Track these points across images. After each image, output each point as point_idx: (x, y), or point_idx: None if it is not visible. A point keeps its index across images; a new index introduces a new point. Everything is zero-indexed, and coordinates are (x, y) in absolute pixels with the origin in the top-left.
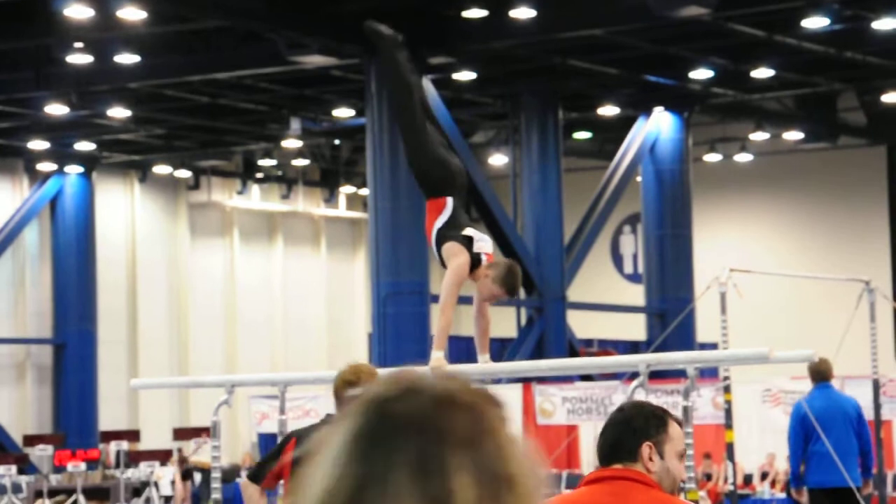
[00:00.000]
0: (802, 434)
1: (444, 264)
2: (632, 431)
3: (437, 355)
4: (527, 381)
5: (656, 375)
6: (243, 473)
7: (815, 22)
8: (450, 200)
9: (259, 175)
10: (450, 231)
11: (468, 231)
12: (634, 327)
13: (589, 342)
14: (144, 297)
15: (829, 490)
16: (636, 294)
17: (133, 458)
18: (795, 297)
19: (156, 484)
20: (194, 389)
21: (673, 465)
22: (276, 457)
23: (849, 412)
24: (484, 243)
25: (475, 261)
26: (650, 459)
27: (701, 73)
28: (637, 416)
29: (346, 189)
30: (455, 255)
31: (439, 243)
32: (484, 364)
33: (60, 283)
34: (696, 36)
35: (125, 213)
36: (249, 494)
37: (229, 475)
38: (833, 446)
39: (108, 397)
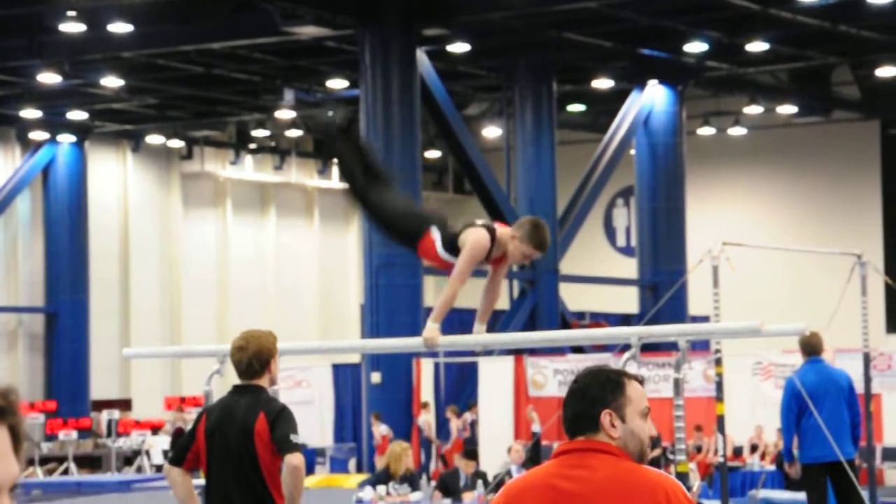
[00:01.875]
0: (795, 409)
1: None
2: (589, 401)
3: (432, 326)
4: (518, 353)
5: (648, 348)
6: None
7: None
8: (433, 229)
9: (252, 146)
10: (452, 236)
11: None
12: (627, 300)
13: (581, 315)
14: (137, 267)
15: (824, 464)
16: (629, 267)
17: (124, 428)
18: (788, 271)
19: (147, 453)
20: (186, 359)
21: (636, 425)
22: (192, 437)
23: (841, 385)
24: (487, 220)
25: (491, 233)
26: (612, 426)
27: (695, 47)
28: (592, 384)
29: None
30: (474, 230)
31: (453, 248)
32: (476, 335)
33: (53, 253)
34: (690, 9)
35: (118, 182)
36: (173, 478)
37: None
38: (826, 420)
39: (99, 367)
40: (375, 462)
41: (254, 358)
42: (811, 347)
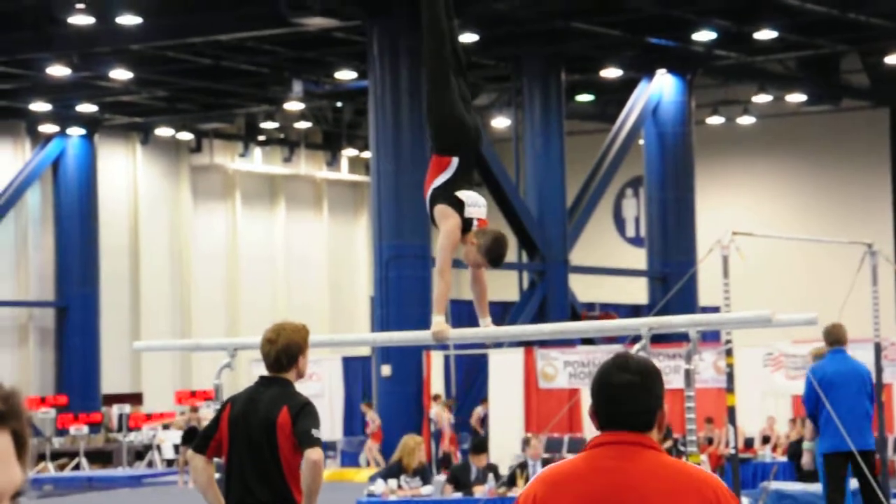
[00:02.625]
0: (816, 398)
1: (434, 223)
2: (655, 398)
3: (438, 320)
4: (528, 345)
5: (658, 339)
6: None
7: None
8: (455, 161)
9: (261, 138)
10: (445, 192)
11: (462, 194)
12: (636, 291)
13: (591, 306)
14: (147, 260)
15: (844, 454)
16: (638, 257)
17: (135, 422)
18: (798, 261)
19: (158, 447)
20: (196, 353)
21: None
22: (216, 425)
23: (863, 376)
24: (477, 209)
25: (466, 225)
26: (660, 424)
27: (704, 35)
28: (656, 382)
29: (348, 152)
30: (446, 217)
31: (432, 203)
32: (486, 328)
33: (63, 246)
34: None
35: (127, 175)
36: (195, 464)
37: None
38: (849, 410)
39: (110, 361)
40: (365, 451)
41: (282, 352)
42: (834, 338)
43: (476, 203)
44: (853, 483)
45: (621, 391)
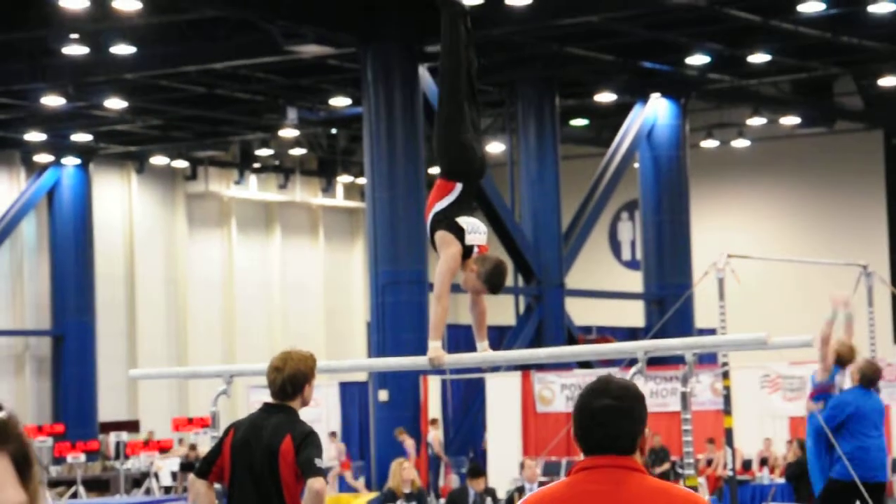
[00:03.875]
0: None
1: (434, 247)
2: (637, 421)
3: (435, 345)
4: (526, 369)
5: (655, 362)
6: None
7: (811, 6)
8: (459, 187)
9: (256, 165)
10: (446, 218)
11: (463, 221)
12: (633, 314)
13: (587, 329)
14: (143, 288)
15: (864, 484)
16: (634, 281)
17: (132, 450)
18: (793, 283)
19: (156, 475)
20: (193, 380)
21: None
22: (218, 450)
23: (883, 412)
24: (477, 235)
25: (467, 252)
26: (642, 446)
27: (697, 59)
28: (637, 404)
29: (343, 178)
30: (447, 244)
31: (433, 228)
32: (483, 352)
33: (59, 275)
34: (691, 22)
35: (123, 204)
36: (196, 489)
37: None
38: (879, 443)
39: (107, 389)
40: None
41: (288, 381)
42: (869, 380)
43: (477, 230)
44: None
45: (602, 415)
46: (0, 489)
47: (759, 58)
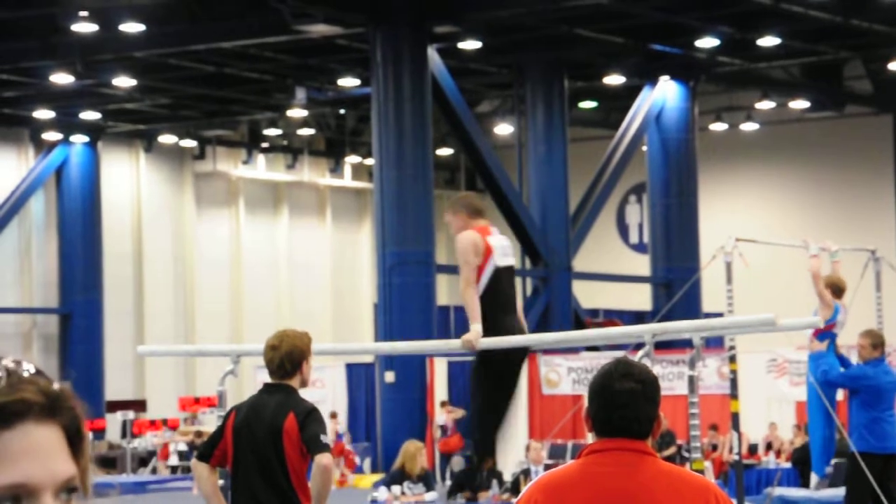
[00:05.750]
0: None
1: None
2: (656, 405)
3: (478, 328)
4: (532, 352)
5: (662, 345)
6: None
7: None
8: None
9: (264, 145)
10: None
11: (493, 240)
12: (640, 297)
13: (594, 312)
14: (150, 267)
15: (882, 456)
16: (642, 264)
17: (139, 429)
18: (801, 267)
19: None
20: (200, 360)
21: None
22: (220, 433)
23: None
24: (506, 258)
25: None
26: (656, 430)
27: (707, 42)
28: (656, 389)
29: (351, 159)
30: (459, 247)
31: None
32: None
33: (66, 253)
34: (701, 4)
35: (131, 182)
36: (199, 473)
37: None
38: (890, 415)
39: (114, 367)
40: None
41: (286, 358)
42: (880, 343)
43: (505, 252)
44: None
45: (625, 398)
46: (51, 460)
47: (768, 41)
